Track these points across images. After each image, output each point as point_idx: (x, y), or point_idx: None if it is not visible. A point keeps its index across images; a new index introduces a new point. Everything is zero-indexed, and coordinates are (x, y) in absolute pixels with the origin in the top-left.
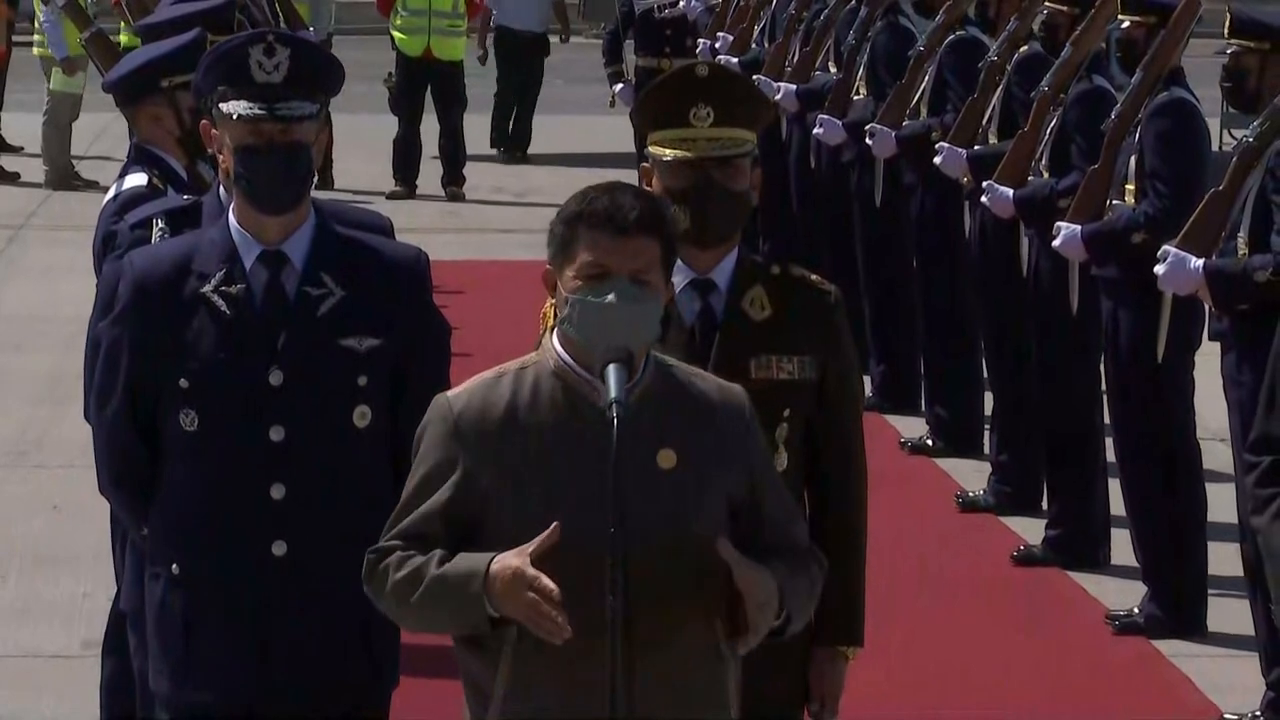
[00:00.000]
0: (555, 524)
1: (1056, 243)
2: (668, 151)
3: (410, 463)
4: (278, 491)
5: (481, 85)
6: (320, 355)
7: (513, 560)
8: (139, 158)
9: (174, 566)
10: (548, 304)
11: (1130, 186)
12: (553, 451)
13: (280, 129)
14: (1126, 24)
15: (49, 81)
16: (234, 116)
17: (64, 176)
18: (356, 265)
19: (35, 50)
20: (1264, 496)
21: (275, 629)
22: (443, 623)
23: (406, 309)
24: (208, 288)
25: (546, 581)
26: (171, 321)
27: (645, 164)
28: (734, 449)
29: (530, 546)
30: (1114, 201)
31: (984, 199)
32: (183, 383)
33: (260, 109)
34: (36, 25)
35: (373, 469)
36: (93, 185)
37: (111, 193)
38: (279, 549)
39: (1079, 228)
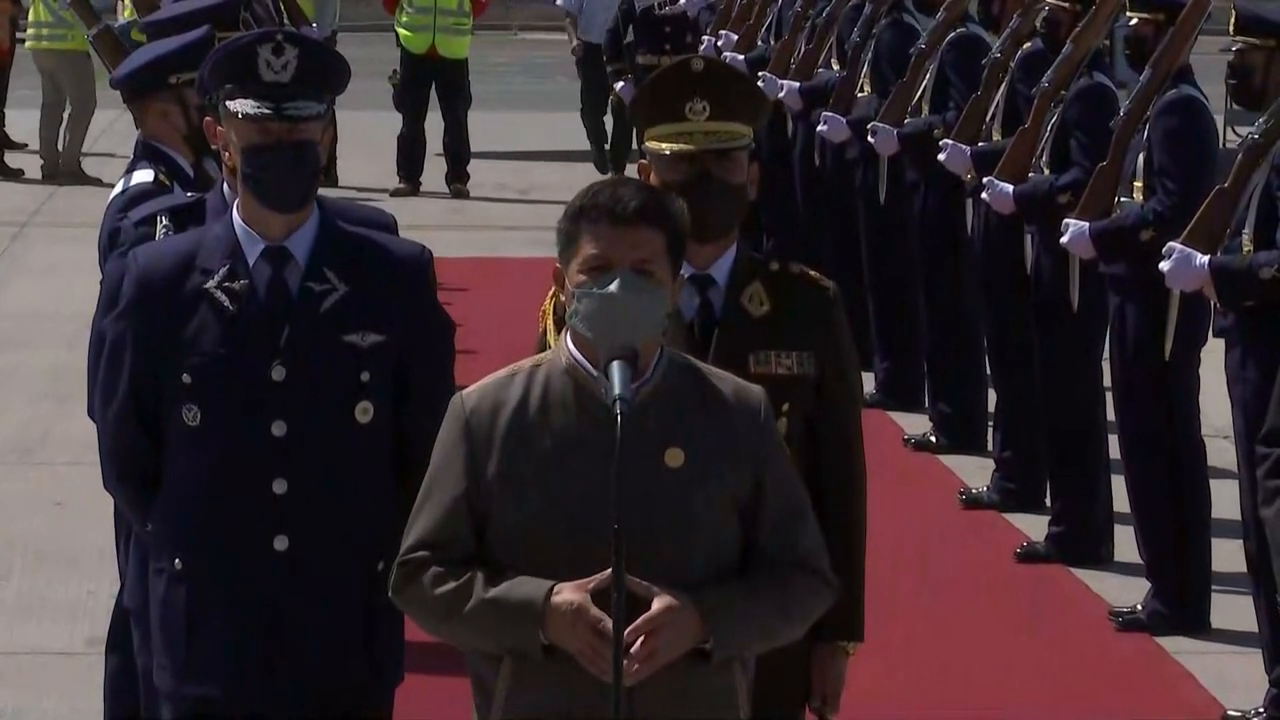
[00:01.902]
0: (609, 571)
1: (1064, 239)
2: (665, 145)
3: (410, 458)
4: (280, 486)
5: (484, 84)
6: (323, 351)
7: (574, 596)
8: (145, 154)
9: (176, 562)
10: (547, 301)
11: (1138, 184)
12: (561, 449)
13: (288, 128)
14: (1135, 21)
15: (61, 79)
16: (240, 115)
17: (77, 170)
18: (359, 261)
19: (29, 45)
20: (1274, 488)
21: (278, 624)
22: (486, 642)
23: (409, 305)
24: (211, 283)
25: (609, 624)
26: (175, 317)
27: (643, 161)
28: (744, 449)
29: (590, 583)
30: (1122, 199)
31: (984, 195)
32: (185, 378)
33: (268, 108)
34: (45, 18)
35: (375, 464)
36: (96, 181)
37: (118, 188)
38: (281, 544)
39: (1087, 225)
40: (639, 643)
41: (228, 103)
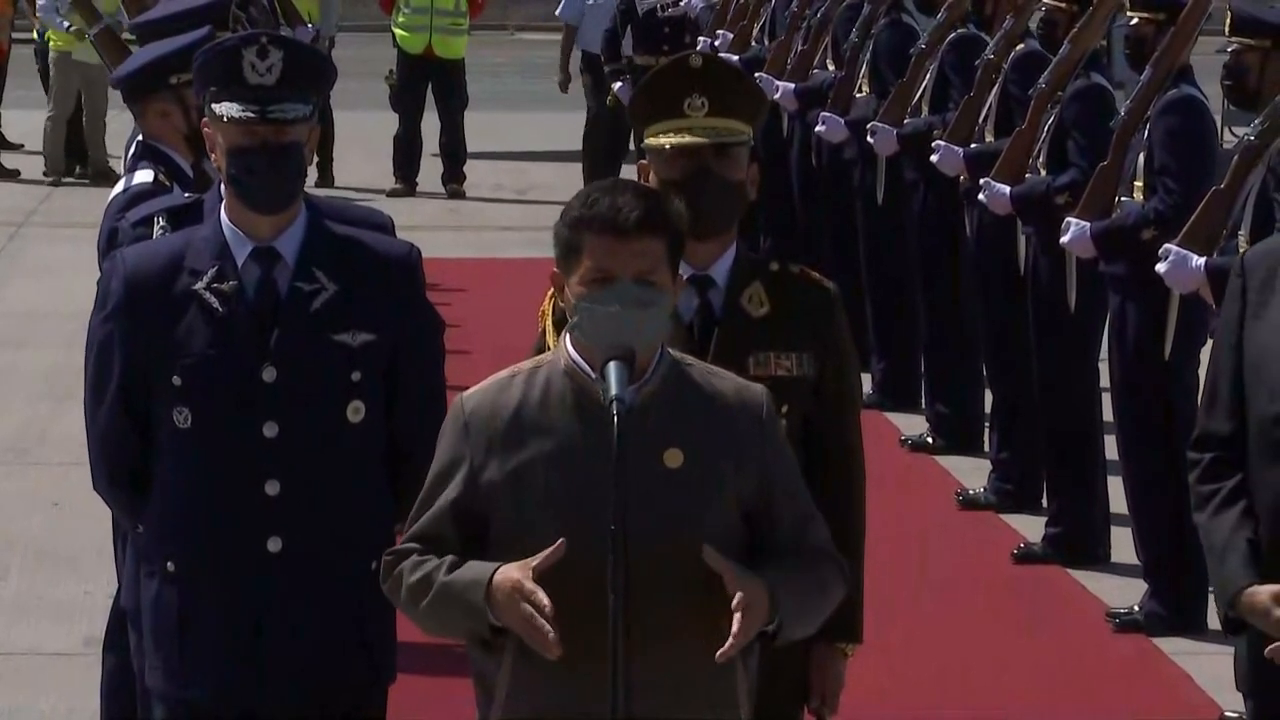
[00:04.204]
0: (561, 540)
1: (1065, 239)
2: (665, 140)
3: (402, 457)
4: (272, 488)
5: (480, 84)
6: (313, 351)
7: (514, 573)
8: (145, 154)
9: (169, 564)
10: (546, 302)
11: (1139, 183)
12: (560, 450)
13: (273, 130)
14: (1135, 20)
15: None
16: (225, 118)
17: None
18: (349, 261)
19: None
20: (1205, 493)
21: (271, 625)
22: (452, 628)
23: (399, 304)
24: (200, 285)
25: (542, 597)
26: (164, 319)
27: (643, 161)
28: (746, 449)
29: (535, 560)
30: (1122, 198)
31: (981, 196)
32: (175, 380)
33: (253, 111)
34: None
35: (367, 464)
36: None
37: (119, 188)
38: (274, 545)
39: (1088, 224)
40: (737, 619)
41: (213, 105)
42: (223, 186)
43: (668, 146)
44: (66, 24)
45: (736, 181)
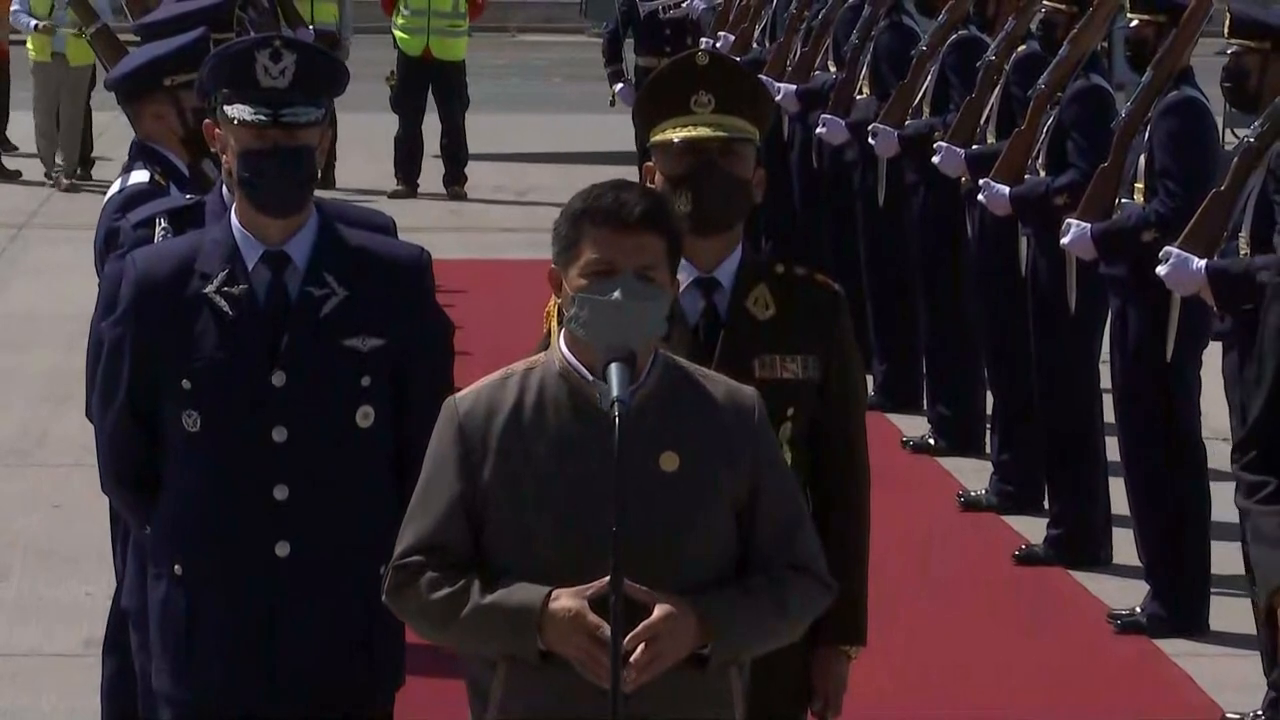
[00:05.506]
0: (607, 579)
1: (1065, 240)
2: (672, 135)
3: (411, 461)
4: (281, 493)
5: (481, 86)
6: (323, 356)
7: (572, 603)
8: (141, 154)
9: (176, 567)
10: (551, 302)
11: (1139, 185)
12: (556, 452)
13: (285, 134)
14: (1136, 22)
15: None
16: (237, 121)
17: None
18: (359, 265)
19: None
20: (1253, 482)
21: (278, 630)
22: (483, 647)
23: (409, 308)
24: (210, 288)
25: (607, 630)
26: (174, 322)
27: (649, 163)
28: (739, 452)
29: (588, 589)
30: (1123, 200)
31: (980, 197)
32: (185, 384)
33: (265, 114)
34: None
35: (375, 468)
36: (94, 182)
37: (114, 189)
38: (282, 550)
39: (1089, 226)
40: (639, 650)
41: (225, 107)
42: (224, 189)
43: (675, 140)
44: (33, 22)
45: (742, 179)
